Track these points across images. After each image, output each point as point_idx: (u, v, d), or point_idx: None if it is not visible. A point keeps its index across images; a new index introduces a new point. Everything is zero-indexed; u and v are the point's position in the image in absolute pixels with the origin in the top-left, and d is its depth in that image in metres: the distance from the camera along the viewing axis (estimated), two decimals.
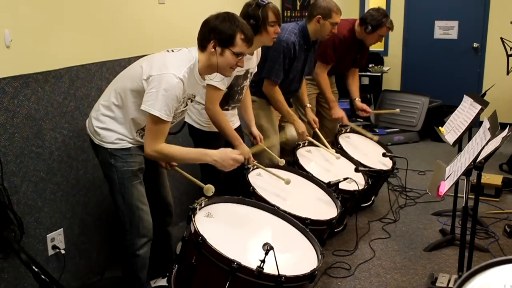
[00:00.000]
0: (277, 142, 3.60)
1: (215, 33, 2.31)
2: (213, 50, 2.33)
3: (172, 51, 2.41)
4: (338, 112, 4.14)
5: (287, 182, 2.91)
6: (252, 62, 3.04)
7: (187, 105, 2.45)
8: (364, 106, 4.31)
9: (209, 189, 2.49)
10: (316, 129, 3.83)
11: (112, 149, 2.43)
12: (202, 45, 2.37)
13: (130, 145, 2.45)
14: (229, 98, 3.01)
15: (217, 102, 2.86)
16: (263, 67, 3.39)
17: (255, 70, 3.16)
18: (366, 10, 4.63)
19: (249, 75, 3.07)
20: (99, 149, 2.47)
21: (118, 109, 2.42)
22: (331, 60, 4.04)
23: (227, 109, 3.06)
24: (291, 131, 3.09)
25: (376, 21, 3.95)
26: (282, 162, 3.20)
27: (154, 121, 2.27)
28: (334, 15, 3.52)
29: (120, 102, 2.41)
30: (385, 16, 3.97)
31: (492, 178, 4.33)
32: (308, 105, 3.91)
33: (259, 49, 3.16)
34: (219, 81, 2.77)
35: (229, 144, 3.01)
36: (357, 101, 4.34)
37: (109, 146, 2.43)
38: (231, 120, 3.12)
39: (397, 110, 4.59)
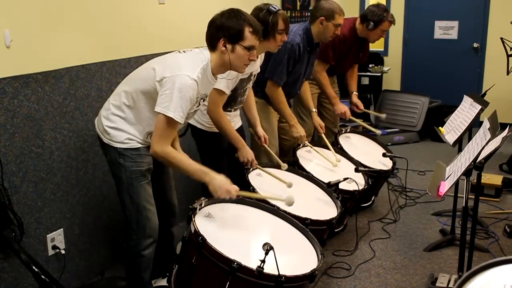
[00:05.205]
0: (276, 143, 3.60)
1: (223, 30, 2.31)
2: (223, 48, 2.33)
3: (184, 51, 2.40)
4: (341, 107, 4.15)
5: (289, 185, 2.91)
6: (255, 65, 3.04)
7: (200, 104, 2.45)
8: (359, 102, 4.34)
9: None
10: (322, 134, 3.81)
11: (122, 148, 2.42)
12: (212, 45, 2.37)
13: (140, 145, 2.44)
14: (232, 101, 3.01)
15: (220, 106, 2.86)
16: (266, 67, 3.37)
17: (258, 71, 3.16)
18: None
19: (252, 77, 3.08)
20: (108, 148, 2.46)
21: (129, 109, 2.41)
22: (331, 60, 4.04)
23: (230, 111, 3.05)
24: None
25: (378, 17, 3.95)
26: (284, 166, 3.19)
27: (167, 122, 2.26)
28: (337, 17, 3.50)
29: (131, 103, 2.40)
30: (385, 11, 3.97)
31: (492, 178, 4.33)
32: (314, 110, 3.90)
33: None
34: (224, 85, 2.77)
35: (232, 144, 3.01)
36: (354, 95, 4.36)
37: (118, 146, 2.42)
38: (234, 120, 3.11)
39: (384, 115, 4.59)
